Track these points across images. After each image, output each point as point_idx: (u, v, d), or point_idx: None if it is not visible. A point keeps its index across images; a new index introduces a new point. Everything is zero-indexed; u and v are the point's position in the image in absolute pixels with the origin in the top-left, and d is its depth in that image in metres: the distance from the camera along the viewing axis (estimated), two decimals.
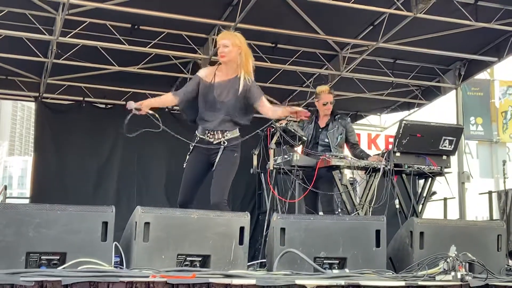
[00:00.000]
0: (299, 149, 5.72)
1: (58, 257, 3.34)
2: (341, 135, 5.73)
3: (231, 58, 4.29)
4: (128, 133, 4.10)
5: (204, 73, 4.45)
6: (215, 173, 4.30)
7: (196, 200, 4.38)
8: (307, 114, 4.25)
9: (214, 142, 4.32)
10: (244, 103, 4.36)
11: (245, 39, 4.36)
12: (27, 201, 9.79)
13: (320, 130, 5.79)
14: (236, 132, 4.40)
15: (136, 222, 3.49)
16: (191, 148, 4.40)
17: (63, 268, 3.22)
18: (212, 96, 4.32)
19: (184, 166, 4.40)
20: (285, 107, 4.49)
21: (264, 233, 4.81)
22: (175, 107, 4.29)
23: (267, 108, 4.35)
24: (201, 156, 4.37)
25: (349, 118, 5.95)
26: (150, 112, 4.19)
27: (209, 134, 4.34)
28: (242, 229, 3.68)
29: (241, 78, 4.32)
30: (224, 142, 4.30)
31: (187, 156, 4.42)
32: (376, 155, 5.62)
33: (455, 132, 5.44)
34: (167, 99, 4.47)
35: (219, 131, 4.32)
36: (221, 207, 4.16)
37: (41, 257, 3.32)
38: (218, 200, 4.22)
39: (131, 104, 4.17)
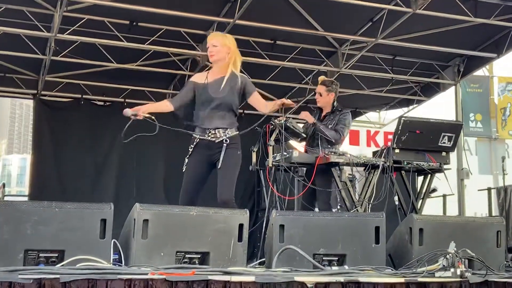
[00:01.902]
0: (301, 147, 5.65)
1: (56, 255, 3.33)
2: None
3: (220, 57, 4.38)
4: (125, 139, 4.22)
5: (196, 77, 4.54)
6: (221, 171, 4.29)
7: (200, 199, 4.36)
8: (292, 105, 4.38)
9: (216, 141, 4.33)
10: (238, 98, 4.43)
11: (235, 42, 4.43)
12: (25, 199, 9.78)
13: None
14: (235, 129, 4.42)
15: (134, 219, 3.48)
16: (190, 150, 4.40)
17: (62, 265, 3.21)
18: (208, 95, 4.36)
19: (184, 170, 4.40)
20: (275, 101, 4.55)
21: (263, 230, 4.80)
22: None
23: (260, 102, 4.48)
24: (202, 157, 4.37)
25: (348, 112, 5.72)
26: (147, 115, 4.25)
27: (210, 134, 4.35)
28: (241, 226, 3.67)
29: (233, 75, 4.39)
30: (226, 140, 4.31)
31: (186, 160, 4.41)
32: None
33: (454, 128, 5.43)
34: (163, 106, 4.51)
35: (220, 129, 4.34)
36: (230, 204, 4.17)
37: (39, 255, 3.31)
38: (228, 197, 4.23)
39: (128, 112, 4.22)
